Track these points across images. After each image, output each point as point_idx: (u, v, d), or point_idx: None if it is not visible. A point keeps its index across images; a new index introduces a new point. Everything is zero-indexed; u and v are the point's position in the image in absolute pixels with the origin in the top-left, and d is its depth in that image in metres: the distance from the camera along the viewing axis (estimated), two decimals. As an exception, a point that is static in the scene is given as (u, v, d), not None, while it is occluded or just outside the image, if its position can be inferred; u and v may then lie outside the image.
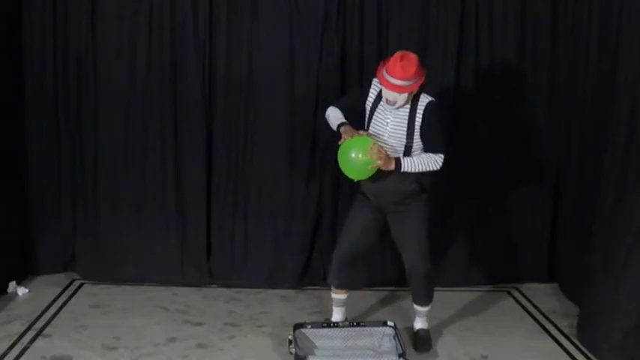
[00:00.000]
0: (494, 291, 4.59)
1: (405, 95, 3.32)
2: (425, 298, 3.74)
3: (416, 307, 3.80)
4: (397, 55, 3.35)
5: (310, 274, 4.51)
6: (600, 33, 4.06)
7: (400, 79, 3.28)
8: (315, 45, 4.32)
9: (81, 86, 4.40)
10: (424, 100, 3.42)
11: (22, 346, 3.56)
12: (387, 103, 3.39)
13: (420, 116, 3.39)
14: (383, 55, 4.35)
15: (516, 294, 4.55)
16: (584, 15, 4.25)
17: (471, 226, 4.62)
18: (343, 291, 3.79)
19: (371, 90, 3.51)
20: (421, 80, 3.37)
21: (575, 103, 4.39)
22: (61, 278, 4.52)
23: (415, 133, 3.40)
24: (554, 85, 4.54)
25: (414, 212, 3.53)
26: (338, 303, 3.81)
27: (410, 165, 3.38)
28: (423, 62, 4.38)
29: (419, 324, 3.81)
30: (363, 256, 3.89)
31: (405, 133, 3.40)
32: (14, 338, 3.64)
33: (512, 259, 4.69)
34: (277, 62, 4.34)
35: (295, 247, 4.48)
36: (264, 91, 4.38)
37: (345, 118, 3.49)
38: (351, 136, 3.35)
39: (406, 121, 3.40)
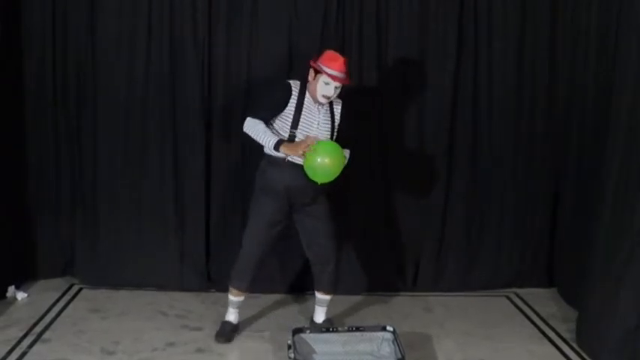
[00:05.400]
0: (493, 296, 4.59)
1: (340, 89, 3.55)
2: (335, 285, 3.88)
3: (324, 296, 3.88)
4: (329, 52, 3.60)
5: (309, 279, 4.50)
6: (599, 39, 4.07)
7: (345, 71, 3.53)
8: (314, 47, 4.33)
9: (80, 90, 4.40)
10: (337, 100, 3.66)
11: (21, 351, 3.56)
12: (322, 100, 3.54)
13: (339, 112, 3.69)
14: (383, 55, 4.41)
15: (515, 299, 4.56)
16: (582, 22, 4.26)
17: (469, 231, 4.63)
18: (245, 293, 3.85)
19: (292, 93, 3.57)
20: None
21: (573, 107, 4.40)
22: (60, 283, 4.52)
23: (335, 130, 3.66)
24: (553, 90, 4.55)
25: (322, 204, 3.71)
26: (238, 305, 3.86)
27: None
28: (422, 67, 4.44)
29: (323, 315, 3.92)
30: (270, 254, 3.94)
31: (330, 130, 3.64)
32: (13, 343, 3.63)
33: (511, 263, 4.69)
34: (277, 64, 4.34)
35: (294, 251, 4.48)
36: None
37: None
38: (309, 146, 3.40)
39: (330, 119, 3.64)
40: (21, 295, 4.26)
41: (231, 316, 3.86)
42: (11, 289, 4.27)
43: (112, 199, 4.44)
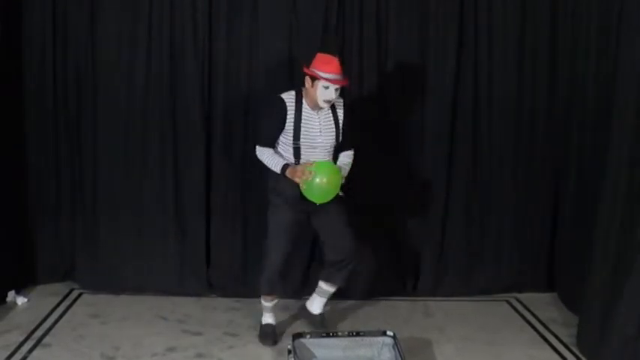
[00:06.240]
0: (493, 300, 4.59)
1: (339, 90, 3.53)
2: (347, 282, 3.94)
3: (329, 287, 3.91)
4: (321, 55, 3.60)
5: (309, 284, 4.50)
6: (599, 39, 4.07)
7: (341, 72, 3.53)
8: (314, 47, 4.33)
9: (80, 90, 4.40)
10: (338, 99, 3.62)
11: (21, 356, 3.56)
12: (324, 105, 3.55)
13: (342, 114, 3.68)
14: (382, 56, 4.41)
15: (515, 303, 4.55)
16: (582, 22, 4.26)
17: (469, 235, 4.62)
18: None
19: (287, 108, 3.57)
20: None
21: (573, 107, 4.40)
22: (60, 288, 4.51)
23: (340, 132, 3.66)
24: (553, 90, 4.55)
25: (338, 205, 3.70)
26: (272, 308, 3.91)
27: (346, 170, 3.71)
28: (422, 67, 4.44)
29: (321, 306, 3.97)
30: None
31: (335, 134, 3.64)
32: (13, 348, 3.63)
33: (512, 268, 4.68)
34: (277, 64, 4.35)
35: (295, 256, 4.47)
36: (263, 97, 4.37)
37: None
38: (307, 170, 3.43)
39: (333, 123, 3.64)
40: (21, 300, 4.26)
41: (269, 318, 3.90)
42: (11, 293, 4.27)
43: (112, 205, 4.43)
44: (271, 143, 3.63)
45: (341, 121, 3.67)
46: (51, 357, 3.57)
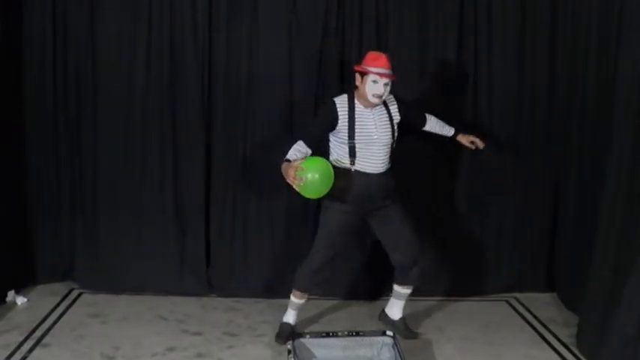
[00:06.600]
0: (493, 300, 4.59)
1: (389, 85, 3.59)
2: (422, 279, 3.95)
3: (405, 290, 3.93)
4: (371, 52, 3.69)
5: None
6: (599, 39, 4.06)
7: (389, 67, 3.59)
8: (314, 49, 4.34)
9: (80, 90, 4.40)
10: (389, 97, 3.71)
11: (21, 356, 3.56)
12: (374, 100, 3.58)
13: (395, 111, 3.74)
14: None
15: (515, 303, 4.55)
16: (582, 22, 4.25)
17: (469, 236, 4.62)
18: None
19: (338, 109, 3.60)
20: None
21: (573, 107, 4.39)
22: (60, 287, 4.52)
23: (395, 130, 3.71)
24: (553, 90, 4.55)
25: (394, 204, 3.76)
26: (299, 307, 3.91)
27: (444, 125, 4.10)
28: (422, 67, 4.44)
29: (401, 310, 3.99)
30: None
31: (390, 131, 3.68)
32: (13, 347, 3.63)
33: (512, 268, 4.68)
34: (277, 64, 4.35)
35: (294, 256, 4.47)
36: (263, 97, 4.38)
37: (311, 148, 3.58)
38: (297, 175, 3.40)
39: (388, 119, 3.69)
40: (21, 300, 4.26)
41: (291, 317, 3.90)
42: (11, 293, 4.27)
43: (111, 205, 4.44)
44: (305, 137, 3.58)
45: (395, 119, 3.72)
46: (51, 357, 3.57)
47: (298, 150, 3.52)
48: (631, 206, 3.51)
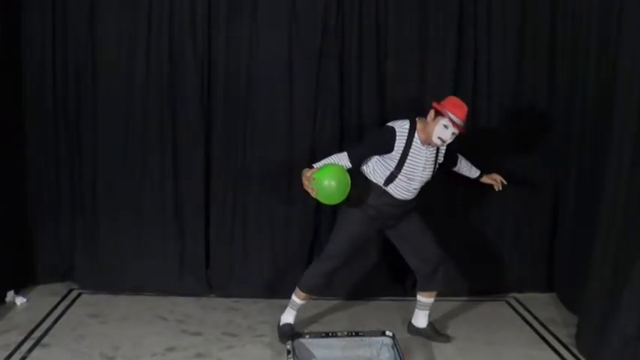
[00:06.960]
0: (493, 300, 4.59)
1: (454, 136, 3.59)
2: (448, 283, 4.01)
3: (429, 298, 3.94)
4: (454, 98, 3.66)
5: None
6: (599, 39, 4.06)
7: (465, 121, 3.58)
8: (314, 49, 4.34)
9: (80, 90, 4.41)
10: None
11: (21, 356, 3.56)
12: (437, 142, 3.56)
13: (443, 154, 3.75)
14: (382, 56, 4.39)
15: (515, 303, 4.55)
16: (582, 22, 4.26)
17: (469, 236, 4.62)
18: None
19: (397, 141, 3.57)
20: None
21: (573, 107, 4.40)
22: (60, 288, 4.52)
23: (436, 170, 3.74)
24: (553, 90, 4.55)
25: (413, 216, 3.80)
26: (300, 307, 3.90)
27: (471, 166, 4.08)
28: (421, 72, 4.44)
29: (427, 318, 3.98)
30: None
31: (433, 170, 3.71)
32: (12, 347, 3.63)
33: (511, 268, 4.68)
34: (277, 64, 4.35)
35: (294, 256, 4.48)
36: (263, 97, 4.38)
37: (353, 165, 3.58)
38: (310, 185, 3.42)
39: (434, 161, 3.70)
40: (20, 300, 4.26)
41: (290, 317, 3.89)
42: (10, 293, 4.27)
43: (111, 205, 4.44)
44: (352, 154, 3.58)
45: (439, 161, 3.75)
46: (50, 357, 3.57)
47: (335, 161, 3.54)
48: (631, 206, 3.50)
